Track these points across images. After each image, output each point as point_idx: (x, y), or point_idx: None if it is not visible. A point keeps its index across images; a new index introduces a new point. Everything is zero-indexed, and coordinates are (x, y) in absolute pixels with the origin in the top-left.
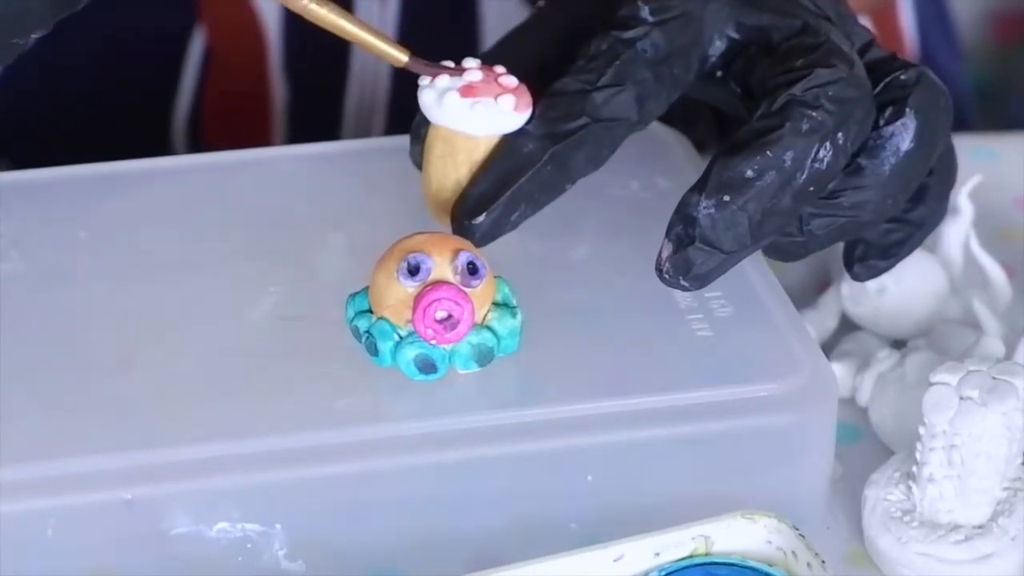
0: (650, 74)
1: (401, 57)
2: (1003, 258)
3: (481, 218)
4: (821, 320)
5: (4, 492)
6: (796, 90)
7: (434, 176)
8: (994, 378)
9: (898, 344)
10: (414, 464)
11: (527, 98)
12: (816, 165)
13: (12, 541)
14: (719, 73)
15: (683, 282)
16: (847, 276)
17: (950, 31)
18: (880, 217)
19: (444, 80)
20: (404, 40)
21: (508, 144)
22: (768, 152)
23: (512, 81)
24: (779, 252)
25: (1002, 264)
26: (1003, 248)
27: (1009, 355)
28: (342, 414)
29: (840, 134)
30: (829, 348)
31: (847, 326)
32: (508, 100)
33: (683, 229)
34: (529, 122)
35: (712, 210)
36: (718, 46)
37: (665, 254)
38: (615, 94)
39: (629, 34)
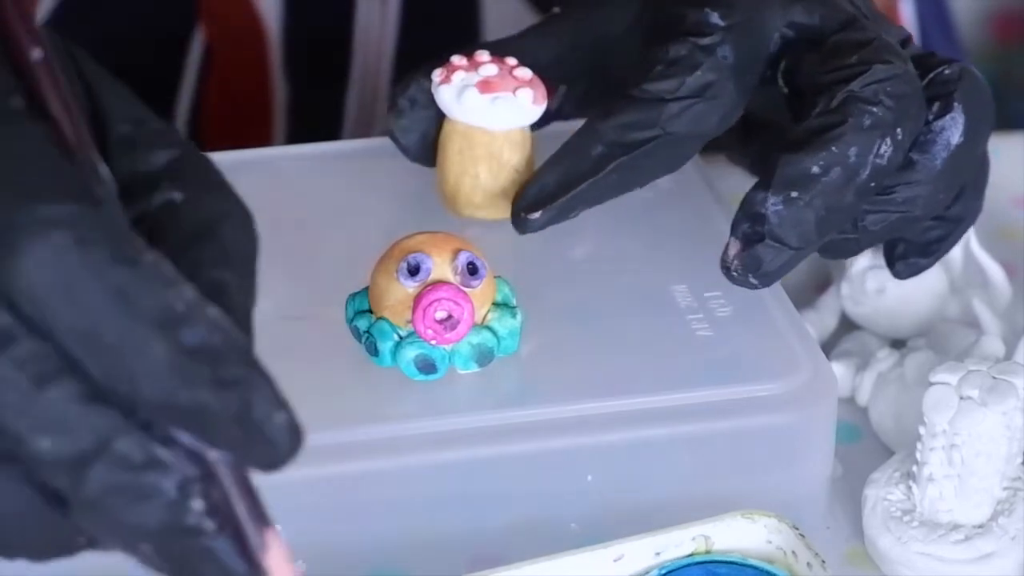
0: (731, 83)
1: None
2: (1003, 258)
3: (537, 215)
4: (821, 320)
5: None
6: (855, 86)
7: (451, 171)
8: (994, 378)
9: (898, 344)
10: (414, 464)
11: (543, 90)
12: (878, 161)
13: None
14: (768, 72)
15: (752, 279)
16: (847, 276)
17: (950, 31)
18: (931, 211)
19: (460, 76)
20: (404, 40)
21: (575, 141)
22: (833, 148)
23: (527, 73)
24: (833, 250)
25: (1002, 264)
26: (1003, 248)
27: (1009, 355)
28: (342, 414)
29: (898, 129)
30: (829, 348)
31: (847, 326)
32: (527, 94)
33: (751, 226)
34: (601, 120)
35: (780, 206)
36: (775, 47)
37: (733, 251)
38: (692, 105)
39: (707, 40)
